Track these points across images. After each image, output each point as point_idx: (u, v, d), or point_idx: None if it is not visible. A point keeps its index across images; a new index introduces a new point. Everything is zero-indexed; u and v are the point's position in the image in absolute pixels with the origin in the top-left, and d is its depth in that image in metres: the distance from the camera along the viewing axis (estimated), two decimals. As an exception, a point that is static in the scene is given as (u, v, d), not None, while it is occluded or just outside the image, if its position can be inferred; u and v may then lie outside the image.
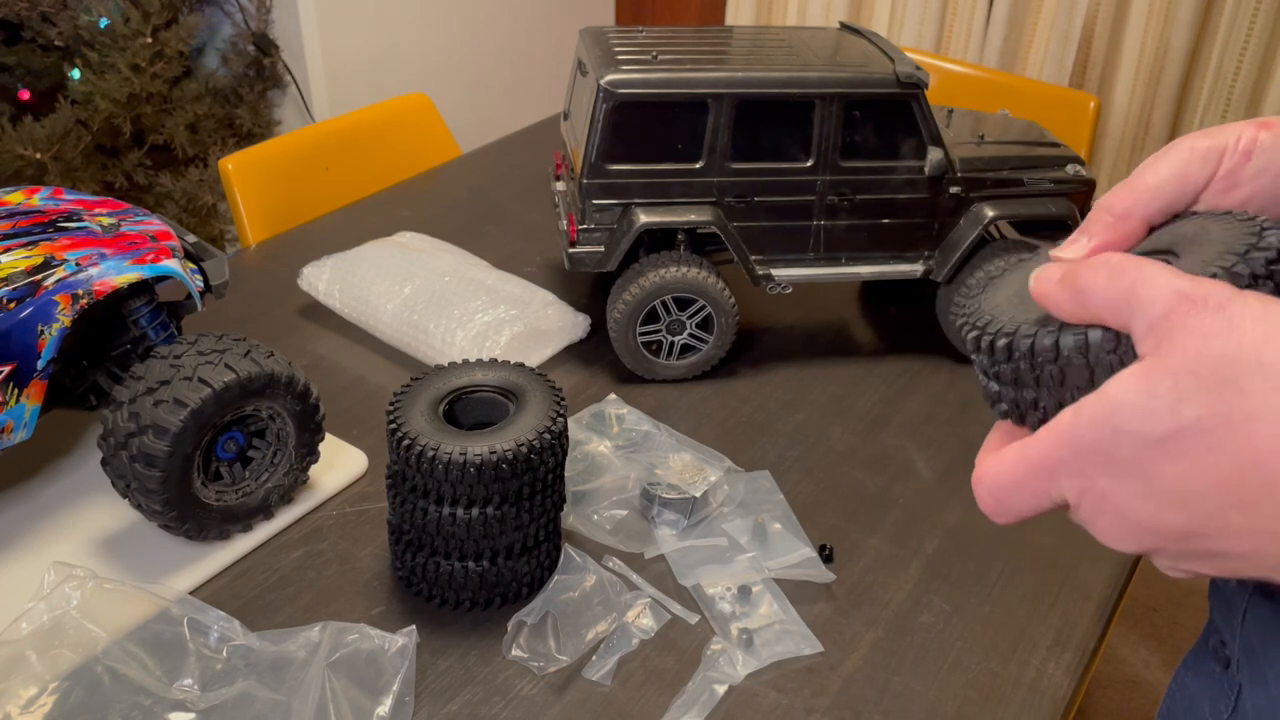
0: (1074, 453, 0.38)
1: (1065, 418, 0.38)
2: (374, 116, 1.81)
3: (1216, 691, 0.51)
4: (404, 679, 0.77)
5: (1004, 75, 2.11)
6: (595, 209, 1.10)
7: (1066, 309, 0.40)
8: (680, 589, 0.90)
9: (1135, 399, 0.36)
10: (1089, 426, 0.37)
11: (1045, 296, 0.40)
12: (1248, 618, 0.48)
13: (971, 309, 0.45)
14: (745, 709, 0.80)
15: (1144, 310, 0.37)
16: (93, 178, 2.21)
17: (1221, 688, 0.50)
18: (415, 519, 0.83)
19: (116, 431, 0.83)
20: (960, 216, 1.16)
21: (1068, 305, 0.40)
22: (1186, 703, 0.54)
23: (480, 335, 1.13)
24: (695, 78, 1.07)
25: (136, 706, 0.75)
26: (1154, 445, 0.36)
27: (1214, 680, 0.51)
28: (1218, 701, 0.51)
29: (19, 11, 2.09)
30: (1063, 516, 0.41)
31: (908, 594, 0.91)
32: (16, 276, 0.83)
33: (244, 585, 0.89)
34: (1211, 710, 0.51)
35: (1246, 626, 0.48)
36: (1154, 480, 0.36)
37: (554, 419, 0.84)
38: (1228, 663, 0.50)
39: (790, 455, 1.07)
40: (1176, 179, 0.44)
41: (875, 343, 1.27)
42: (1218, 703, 0.51)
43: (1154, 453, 0.36)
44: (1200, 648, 0.53)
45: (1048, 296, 0.40)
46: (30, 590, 0.83)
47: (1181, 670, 0.55)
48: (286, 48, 2.44)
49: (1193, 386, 0.35)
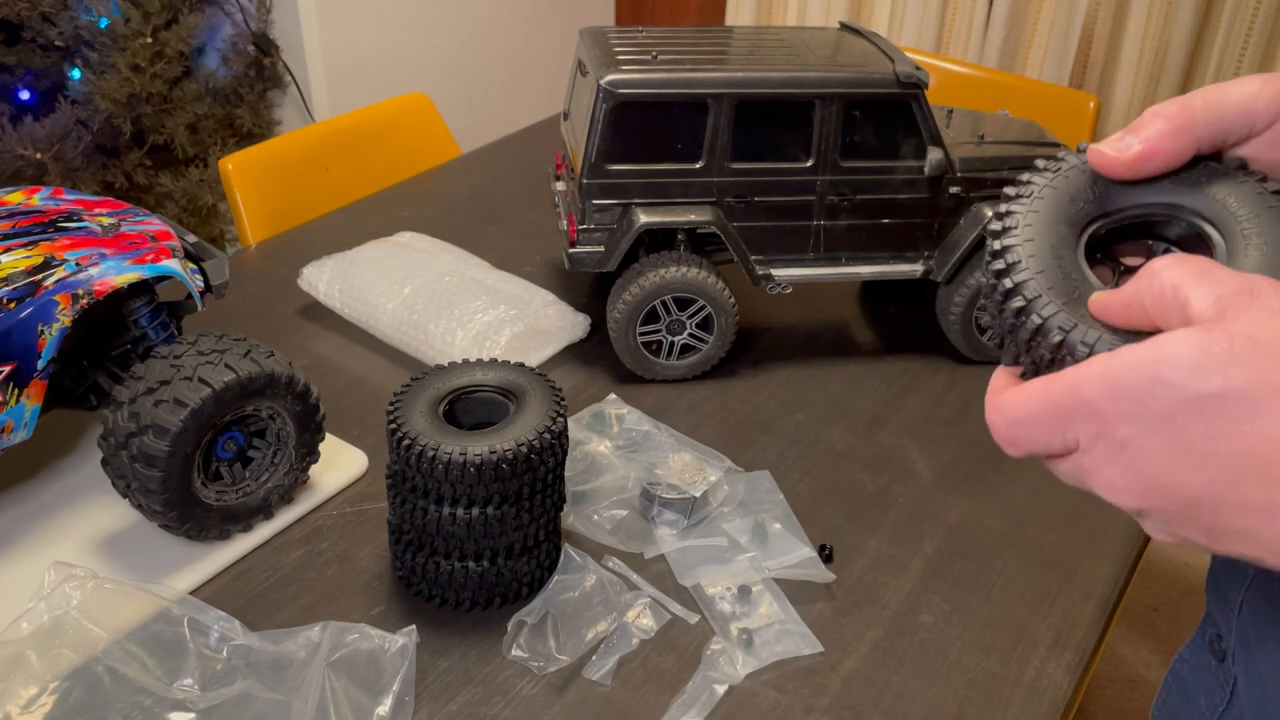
0: (1104, 394, 0.37)
1: (1098, 361, 0.37)
2: (374, 116, 1.81)
3: (1212, 684, 0.51)
4: (404, 679, 0.77)
5: (1004, 75, 2.11)
6: (595, 209, 1.10)
7: (1119, 321, 0.39)
8: (680, 589, 0.90)
9: (1188, 352, 0.35)
10: (1127, 371, 0.36)
11: (1105, 312, 0.40)
12: (1244, 611, 0.48)
13: (1006, 241, 0.43)
14: (745, 709, 0.80)
15: (1209, 290, 0.36)
16: (93, 178, 2.21)
17: (1217, 680, 0.50)
18: (415, 519, 0.83)
19: (117, 431, 0.83)
20: (960, 216, 1.16)
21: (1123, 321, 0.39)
22: (1182, 696, 0.54)
23: (480, 335, 1.13)
24: (695, 78, 1.07)
25: (137, 706, 0.75)
26: (1192, 402, 0.35)
27: (1210, 674, 0.51)
28: (1213, 694, 0.50)
29: (19, 11, 2.09)
30: (1062, 516, 0.41)
31: (908, 594, 0.91)
32: (17, 276, 0.83)
33: (244, 585, 0.89)
34: (1207, 704, 0.51)
35: (1242, 619, 0.48)
36: (1181, 438, 0.36)
37: (554, 419, 0.84)
38: (1223, 656, 0.50)
39: (790, 455, 1.07)
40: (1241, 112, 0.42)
41: (875, 343, 1.27)
42: (1213, 695, 0.50)
43: (1190, 409, 0.35)
44: (1197, 641, 0.53)
45: (1109, 313, 0.40)
46: (30, 590, 0.83)
47: (1178, 664, 0.55)
48: (286, 48, 2.44)
49: (1249, 352, 0.34)
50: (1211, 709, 0.50)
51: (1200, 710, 0.51)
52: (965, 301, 1.17)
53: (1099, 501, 1.06)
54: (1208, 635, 0.52)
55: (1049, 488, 1.03)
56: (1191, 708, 0.52)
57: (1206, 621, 0.53)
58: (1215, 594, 0.51)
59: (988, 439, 1.09)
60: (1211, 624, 0.52)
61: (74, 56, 2.17)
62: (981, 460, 1.07)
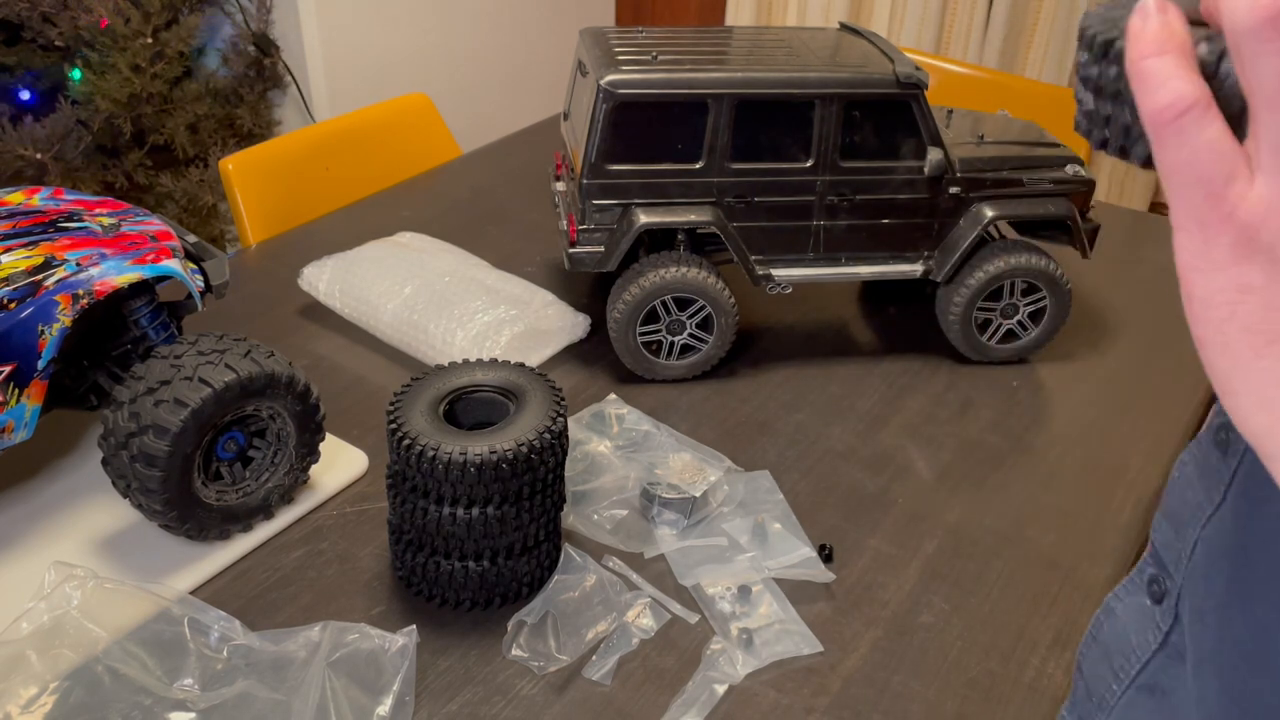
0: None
1: None
2: (374, 117, 1.81)
3: (1145, 624, 0.49)
4: (404, 679, 0.77)
5: (1004, 75, 2.11)
6: (595, 209, 1.10)
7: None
8: (680, 589, 0.90)
9: None
10: None
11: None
12: (1198, 550, 0.46)
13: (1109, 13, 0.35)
14: (745, 709, 0.80)
15: None
16: (93, 178, 2.21)
17: (1151, 620, 0.49)
18: (415, 519, 0.83)
19: (117, 431, 0.84)
20: (960, 216, 1.16)
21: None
22: (1114, 630, 0.52)
23: (480, 335, 1.13)
24: (695, 78, 1.07)
25: (137, 706, 0.75)
26: None
27: (1143, 614, 0.49)
28: (1145, 633, 0.49)
29: (19, 11, 2.09)
30: (1062, 516, 0.40)
31: (907, 594, 0.91)
32: (17, 276, 0.83)
33: (244, 585, 0.89)
34: (1139, 642, 0.49)
35: (1195, 559, 0.46)
36: None
37: (554, 419, 0.84)
38: (1161, 598, 0.48)
39: (790, 455, 1.07)
40: None
41: (875, 343, 1.27)
42: (1145, 634, 0.49)
43: None
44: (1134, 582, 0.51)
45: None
46: (31, 590, 0.83)
47: (1112, 599, 0.53)
48: (286, 48, 2.44)
49: None
50: (1144, 649, 0.49)
51: (1131, 648, 0.50)
52: (965, 301, 1.17)
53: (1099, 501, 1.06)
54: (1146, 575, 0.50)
55: (1049, 488, 1.04)
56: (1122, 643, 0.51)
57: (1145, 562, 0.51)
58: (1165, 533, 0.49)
59: (988, 439, 1.10)
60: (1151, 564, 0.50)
61: (74, 56, 2.17)
62: (981, 460, 1.07)
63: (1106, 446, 1.10)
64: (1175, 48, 0.31)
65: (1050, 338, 1.21)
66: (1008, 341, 1.21)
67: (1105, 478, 1.05)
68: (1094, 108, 0.36)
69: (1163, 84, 0.31)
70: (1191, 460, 0.48)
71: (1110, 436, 1.11)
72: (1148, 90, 0.31)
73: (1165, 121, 0.31)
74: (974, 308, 1.18)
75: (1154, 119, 0.31)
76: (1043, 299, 1.18)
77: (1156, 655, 0.48)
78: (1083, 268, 1.43)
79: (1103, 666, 0.52)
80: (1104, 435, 1.12)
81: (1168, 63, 0.31)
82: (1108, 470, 1.06)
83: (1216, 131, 0.30)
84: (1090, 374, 1.22)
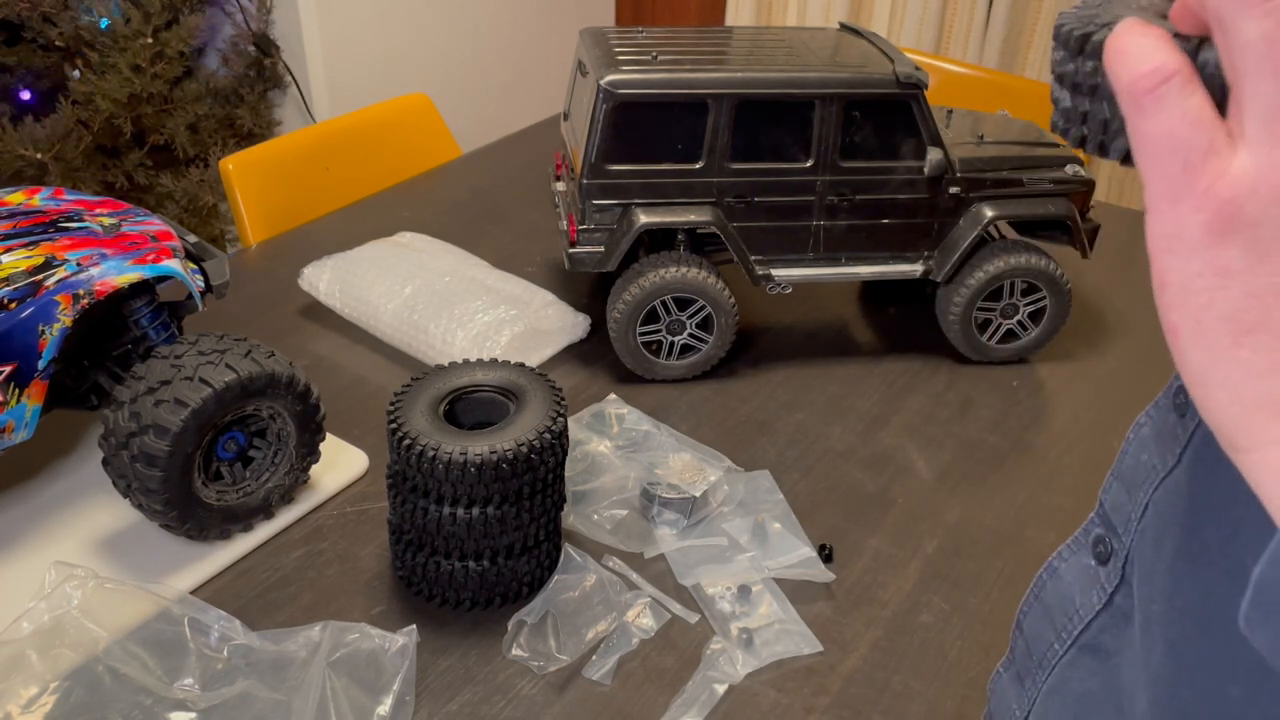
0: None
1: None
2: (374, 117, 1.81)
3: (1089, 584, 0.49)
4: (404, 678, 0.77)
5: (1004, 75, 2.11)
6: (595, 209, 1.10)
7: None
8: (680, 589, 0.90)
9: None
10: None
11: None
12: (1149, 511, 0.45)
13: (1083, 11, 0.36)
14: (745, 708, 0.80)
15: None
16: (93, 178, 2.22)
17: (1095, 581, 0.48)
18: (416, 518, 0.83)
19: (117, 431, 0.84)
20: (960, 216, 1.16)
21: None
22: (1056, 590, 0.51)
23: (480, 335, 1.13)
24: (695, 78, 1.07)
25: (137, 706, 0.75)
26: None
27: (1088, 574, 0.49)
28: (1089, 593, 0.49)
29: (19, 11, 2.09)
30: (1062, 516, 0.40)
31: (907, 594, 0.91)
32: (17, 276, 0.83)
33: (245, 585, 0.89)
34: (1082, 602, 0.49)
35: (1145, 519, 0.45)
36: None
37: (554, 419, 0.84)
38: (1106, 559, 0.48)
39: (790, 455, 1.07)
40: None
41: (875, 343, 1.27)
42: (1089, 594, 0.49)
43: None
44: (1078, 541, 0.51)
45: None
46: (31, 590, 0.83)
47: (1055, 559, 0.53)
48: (287, 48, 2.44)
49: None
50: (1087, 609, 0.49)
51: (1074, 608, 0.49)
52: (965, 301, 1.17)
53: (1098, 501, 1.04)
54: (1091, 535, 0.50)
55: (1049, 488, 1.04)
56: (1065, 603, 0.50)
57: (1091, 522, 0.51)
58: (1117, 494, 0.49)
59: (988, 439, 1.10)
60: (1099, 524, 0.50)
61: (74, 56, 2.17)
62: (981, 460, 1.07)
63: (1106, 446, 1.10)
64: (1156, 31, 0.31)
65: (1050, 338, 1.21)
66: (1008, 341, 1.21)
67: (1105, 477, 1.05)
68: (1071, 105, 0.36)
69: (1145, 57, 0.30)
70: (1148, 422, 0.47)
71: (1110, 436, 1.11)
72: (1129, 63, 0.31)
73: (1146, 89, 0.30)
74: (974, 308, 1.18)
75: (1134, 87, 0.30)
76: (1043, 299, 1.18)
77: (1100, 615, 0.48)
78: (1083, 268, 1.43)
79: (1044, 625, 0.51)
80: (1104, 435, 1.12)
81: (1150, 39, 0.31)
82: (1107, 470, 1.06)
83: (1198, 102, 0.30)
84: (1090, 374, 1.22)
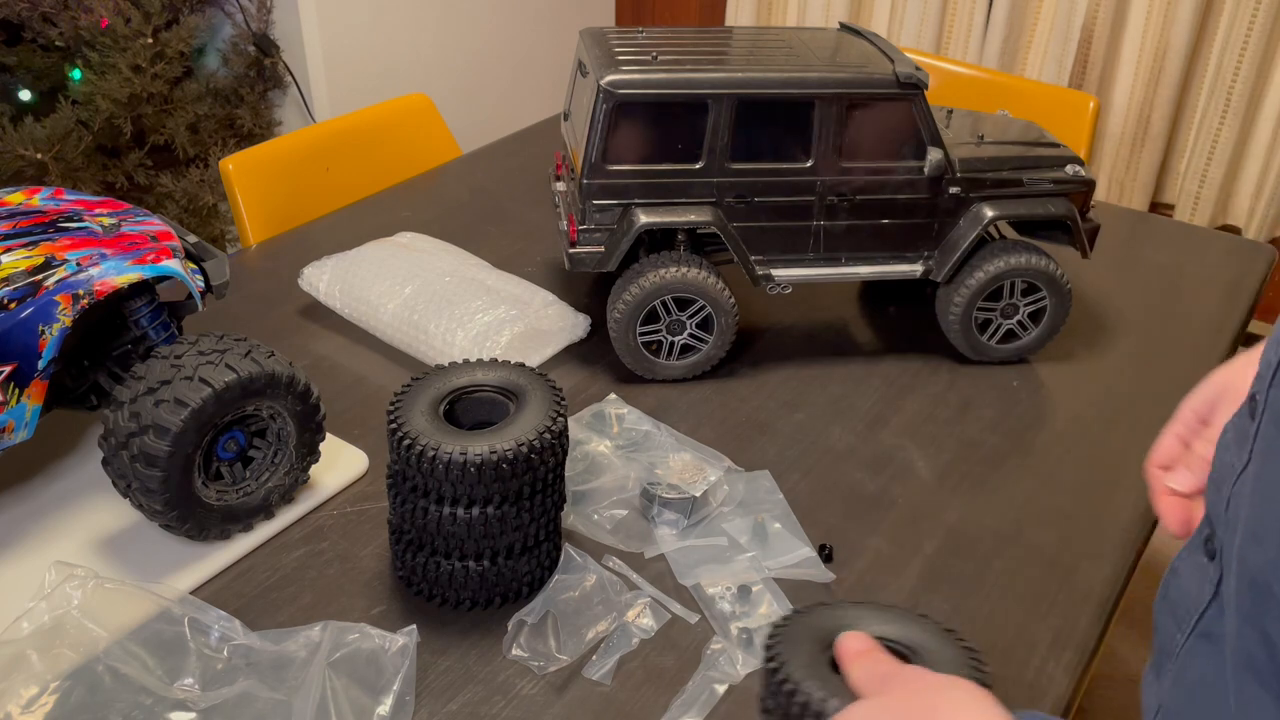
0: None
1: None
2: (374, 117, 1.81)
3: (1201, 578, 0.56)
4: (404, 678, 0.77)
5: (1004, 75, 2.11)
6: (595, 209, 1.10)
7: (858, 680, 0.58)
8: (680, 589, 0.90)
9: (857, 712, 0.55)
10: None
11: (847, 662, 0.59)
12: (1230, 505, 0.52)
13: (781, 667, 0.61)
14: (745, 708, 0.80)
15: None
16: (93, 178, 2.21)
17: (1205, 575, 0.55)
18: (416, 518, 0.83)
19: (117, 431, 0.84)
20: (960, 217, 1.16)
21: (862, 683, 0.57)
22: (1177, 587, 0.59)
23: (480, 335, 1.13)
24: (695, 78, 1.07)
25: (137, 706, 0.75)
26: None
27: (1200, 570, 0.56)
28: (1201, 586, 0.56)
29: (19, 11, 2.09)
30: (1062, 516, 0.41)
31: (907, 594, 0.91)
32: (17, 276, 0.83)
33: (245, 585, 0.89)
34: (1196, 594, 0.56)
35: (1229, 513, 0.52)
36: None
37: (554, 419, 0.84)
38: (1214, 554, 0.55)
39: (790, 455, 1.07)
40: None
41: (875, 343, 1.27)
42: (1201, 587, 0.56)
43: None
44: (1194, 541, 0.58)
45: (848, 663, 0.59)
46: (31, 590, 0.83)
47: (1176, 560, 0.60)
48: (287, 48, 2.44)
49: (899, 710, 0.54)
50: (1200, 600, 0.56)
51: (1191, 601, 0.57)
52: (965, 301, 1.17)
53: (1099, 502, 1.06)
54: (1202, 535, 0.57)
55: (1049, 488, 1.04)
56: (1185, 600, 0.58)
57: (1202, 524, 0.58)
58: (1211, 495, 0.56)
59: (988, 439, 1.10)
60: (1207, 523, 0.57)
61: (74, 56, 2.17)
62: (981, 460, 1.07)
63: (1106, 446, 1.10)
64: None
65: (1050, 338, 1.21)
66: (1008, 341, 1.21)
67: (1105, 478, 1.05)
68: None
69: None
70: (1231, 427, 0.56)
71: (1110, 436, 1.11)
72: None
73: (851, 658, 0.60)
74: (974, 308, 1.18)
75: None
76: (1043, 299, 1.18)
77: (1210, 605, 0.55)
78: (1083, 268, 1.43)
79: (1168, 620, 0.59)
80: (1104, 435, 1.12)
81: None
82: (1108, 470, 1.06)
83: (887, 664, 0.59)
84: (1090, 374, 1.22)
